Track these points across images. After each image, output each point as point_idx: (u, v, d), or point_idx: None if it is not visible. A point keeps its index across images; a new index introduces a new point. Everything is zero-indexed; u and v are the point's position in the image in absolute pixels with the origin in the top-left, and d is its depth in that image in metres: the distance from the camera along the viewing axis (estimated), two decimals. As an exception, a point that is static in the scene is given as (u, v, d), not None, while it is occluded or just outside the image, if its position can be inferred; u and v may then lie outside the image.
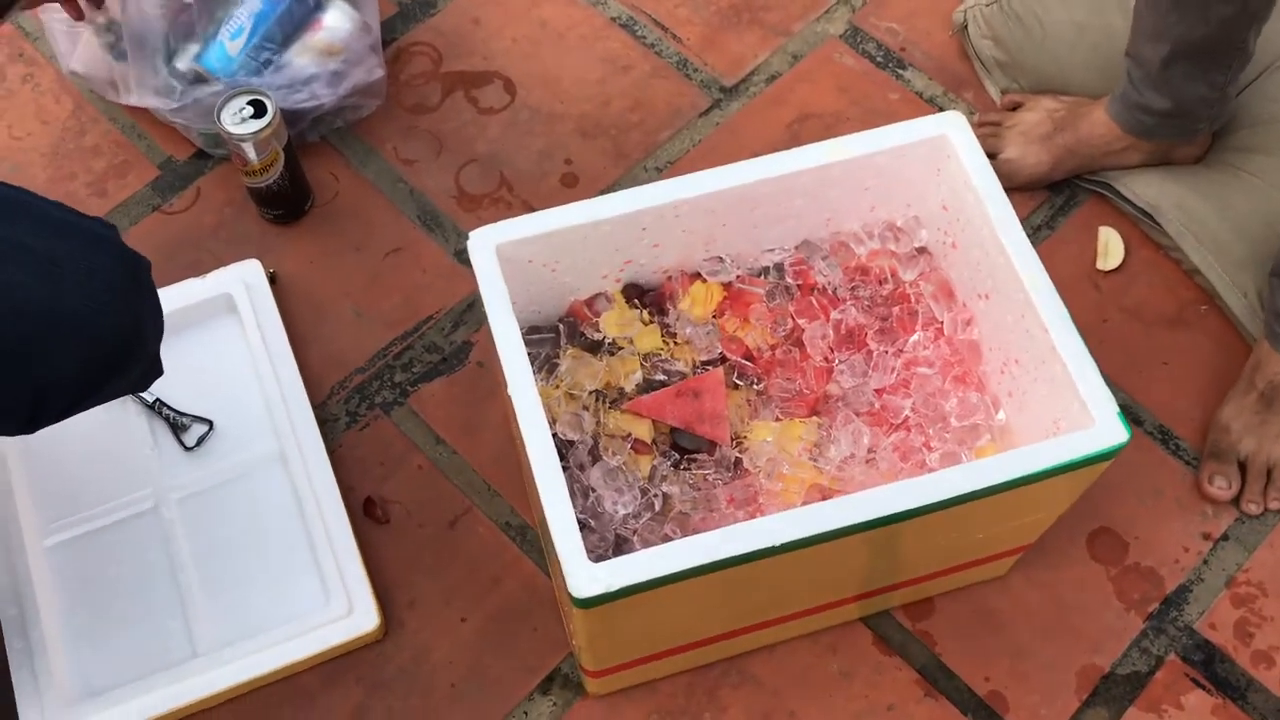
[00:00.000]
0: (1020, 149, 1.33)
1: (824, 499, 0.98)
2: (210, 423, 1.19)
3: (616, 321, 1.04)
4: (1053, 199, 1.35)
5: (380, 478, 1.20)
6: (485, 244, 0.94)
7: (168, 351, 1.21)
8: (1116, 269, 1.31)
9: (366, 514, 1.17)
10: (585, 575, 0.82)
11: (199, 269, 1.26)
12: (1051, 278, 1.28)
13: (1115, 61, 1.27)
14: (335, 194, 1.35)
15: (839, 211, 1.06)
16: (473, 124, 1.40)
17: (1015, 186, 1.34)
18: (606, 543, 0.97)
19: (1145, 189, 1.30)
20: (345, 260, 1.31)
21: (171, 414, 1.19)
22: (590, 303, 1.06)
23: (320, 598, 1.10)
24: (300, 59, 1.31)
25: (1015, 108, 1.38)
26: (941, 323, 1.05)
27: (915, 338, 1.04)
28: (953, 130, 0.99)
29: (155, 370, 0.97)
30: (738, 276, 1.06)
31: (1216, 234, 1.26)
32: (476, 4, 1.48)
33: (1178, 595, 1.14)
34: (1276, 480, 1.18)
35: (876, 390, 1.03)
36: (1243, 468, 1.19)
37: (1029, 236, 1.30)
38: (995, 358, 1.02)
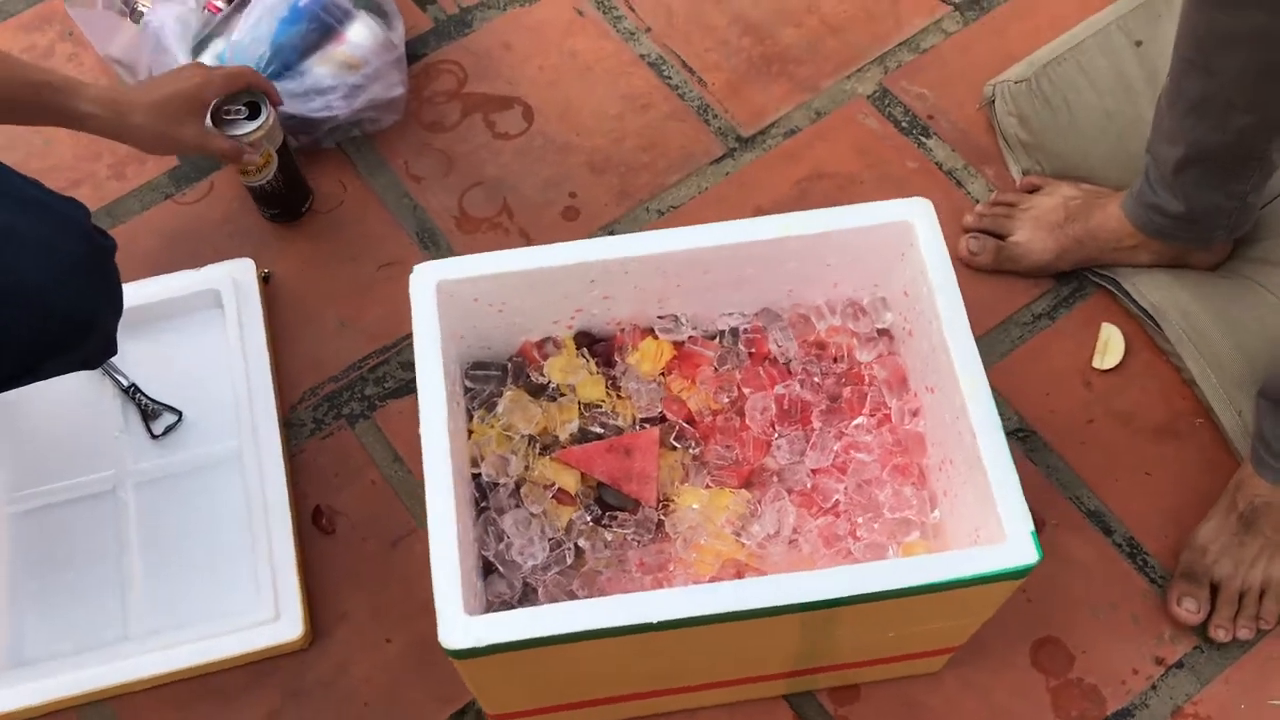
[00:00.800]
0: (1030, 234, 1.29)
1: (738, 575, 0.97)
2: (180, 413, 1.22)
3: (561, 368, 1.04)
4: (1058, 289, 1.31)
5: (335, 488, 1.21)
6: (426, 280, 0.95)
7: (152, 338, 1.25)
8: (1114, 369, 1.26)
9: (314, 523, 1.19)
10: (458, 626, 0.82)
11: (198, 260, 1.29)
12: (1042, 370, 1.26)
13: (1140, 155, 1.23)
14: (340, 201, 1.37)
15: (800, 283, 1.04)
16: (486, 147, 1.41)
17: (1020, 272, 1.31)
18: (514, 590, 0.97)
19: (1152, 290, 1.25)
20: (339, 268, 1.33)
21: (145, 400, 1.22)
22: (540, 345, 1.05)
23: (251, 599, 1.12)
24: (320, 68, 1.33)
25: (1034, 190, 1.34)
26: (890, 409, 1.03)
27: (859, 421, 1.02)
28: (918, 218, 0.97)
29: (109, 349, 0.99)
30: (690, 337, 1.05)
31: (1218, 347, 1.21)
32: (511, 28, 1.49)
33: (1117, 719, 1.10)
34: (1248, 608, 1.13)
35: (812, 470, 1.01)
36: (1214, 591, 1.14)
37: (1028, 324, 1.29)
38: (937, 453, 0.99)
